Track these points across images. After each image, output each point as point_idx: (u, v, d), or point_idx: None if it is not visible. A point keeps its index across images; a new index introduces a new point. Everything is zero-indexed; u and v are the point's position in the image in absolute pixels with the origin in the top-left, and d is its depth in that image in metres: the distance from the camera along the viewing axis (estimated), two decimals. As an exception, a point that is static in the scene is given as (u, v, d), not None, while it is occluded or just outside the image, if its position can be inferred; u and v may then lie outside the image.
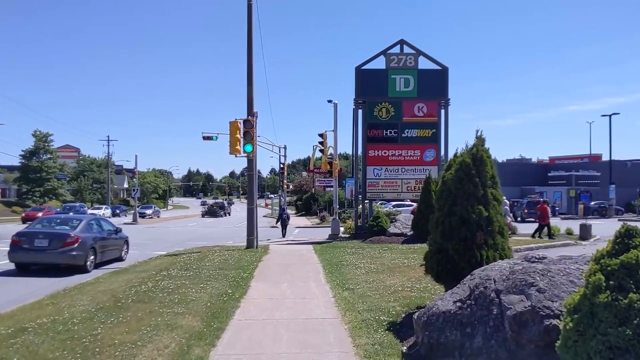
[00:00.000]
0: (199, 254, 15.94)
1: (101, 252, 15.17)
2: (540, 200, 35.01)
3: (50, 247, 13.76)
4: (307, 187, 72.93)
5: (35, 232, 14.51)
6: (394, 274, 11.02)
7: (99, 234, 15.46)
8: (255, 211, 18.61)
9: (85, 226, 15.08)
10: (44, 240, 13.91)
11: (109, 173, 77.14)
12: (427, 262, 7.32)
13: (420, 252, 15.47)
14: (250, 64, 18.05)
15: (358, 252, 16.11)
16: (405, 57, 23.85)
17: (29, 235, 14.29)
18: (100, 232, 15.66)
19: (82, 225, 14.96)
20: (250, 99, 18.20)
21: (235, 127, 17.54)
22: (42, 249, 13.80)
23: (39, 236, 14.06)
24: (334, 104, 25.22)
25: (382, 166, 23.61)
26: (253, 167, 18.56)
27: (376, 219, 21.34)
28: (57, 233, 14.25)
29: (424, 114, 23.75)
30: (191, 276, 11.17)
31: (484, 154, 7.06)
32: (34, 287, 11.35)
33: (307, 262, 14.23)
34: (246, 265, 13.04)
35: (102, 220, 17.92)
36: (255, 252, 16.49)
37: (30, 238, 14.06)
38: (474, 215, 6.70)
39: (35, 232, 14.43)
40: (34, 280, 12.48)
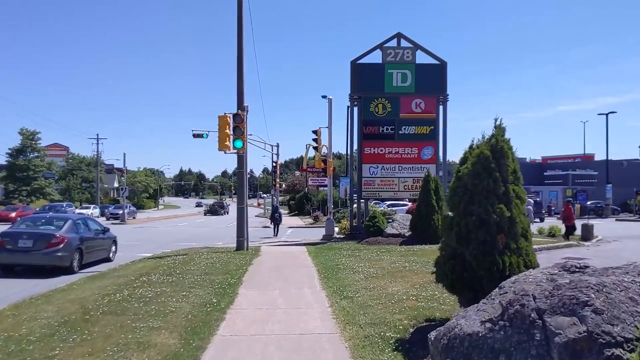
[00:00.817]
0: (185, 257, 14.95)
1: (88, 252, 14.73)
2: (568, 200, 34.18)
3: (34, 248, 13.36)
4: (300, 186, 71.97)
5: (19, 232, 14.05)
6: (396, 280, 10.09)
7: (86, 234, 15.04)
8: (245, 211, 17.63)
9: (72, 226, 14.63)
10: (28, 241, 13.47)
11: (98, 172, 75.83)
12: (439, 269, 6.40)
13: (420, 255, 14.60)
14: (240, 55, 17.06)
15: (354, 254, 15.18)
16: (403, 51, 22.95)
17: (13, 235, 13.82)
18: (87, 232, 15.23)
19: (68, 225, 14.52)
20: (240, 92, 17.21)
21: (225, 121, 16.55)
22: (27, 250, 13.38)
23: (23, 236, 13.61)
24: (329, 99, 24.29)
25: (379, 164, 22.71)
26: (243, 164, 17.57)
27: (372, 219, 20.43)
28: (42, 233, 13.84)
29: (421, 110, 22.88)
30: (173, 282, 10.19)
31: (505, 145, 6.15)
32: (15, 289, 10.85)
33: (300, 265, 13.29)
34: (235, 270, 12.08)
35: (89, 220, 17.32)
36: (245, 255, 15.52)
37: (14, 238, 13.60)
38: (494, 215, 5.79)
39: (19, 232, 13.96)
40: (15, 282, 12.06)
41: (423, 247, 16.60)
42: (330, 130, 23.94)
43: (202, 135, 23.22)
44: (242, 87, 17.20)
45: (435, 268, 6.58)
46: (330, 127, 23.84)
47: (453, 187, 6.19)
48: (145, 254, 17.98)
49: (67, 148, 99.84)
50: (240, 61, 17.07)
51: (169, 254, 16.44)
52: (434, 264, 6.62)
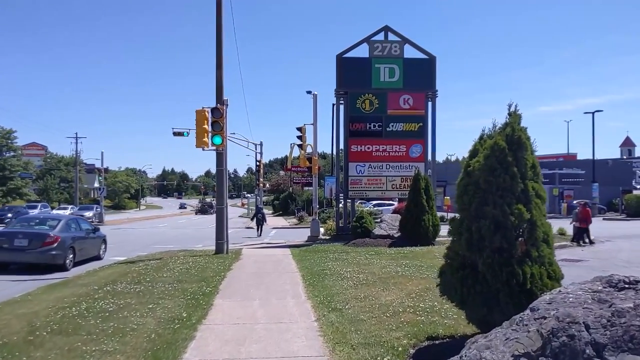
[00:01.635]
0: (159, 262, 13.85)
1: (80, 251, 15.14)
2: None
3: (29, 247, 13.76)
4: (284, 186, 70.84)
5: (14, 231, 14.56)
6: (389, 287, 9.15)
7: (78, 234, 15.50)
8: (225, 212, 16.55)
9: (64, 226, 15.09)
10: (24, 240, 13.90)
11: (77, 171, 73.80)
12: (445, 280, 5.45)
13: (412, 258, 13.70)
14: (219, 44, 15.97)
15: (342, 257, 14.22)
16: (390, 45, 22.08)
17: (9, 235, 14.33)
18: (78, 231, 15.71)
19: (61, 225, 14.97)
20: (219, 84, 16.14)
21: (203, 116, 15.48)
22: (22, 249, 13.77)
23: (18, 236, 14.04)
24: (313, 95, 23.27)
25: (366, 162, 21.80)
26: (223, 162, 16.50)
27: (360, 219, 19.50)
28: (37, 233, 14.24)
29: (410, 106, 22.03)
30: (141, 292, 9.12)
31: (522, 134, 5.23)
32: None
33: (284, 271, 12.29)
34: (212, 276, 11.03)
35: (80, 220, 17.78)
36: (224, 259, 14.47)
37: (10, 238, 14.03)
38: (511, 217, 4.87)
39: (14, 232, 14.45)
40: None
41: (414, 249, 15.72)
42: (315, 127, 22.95)
43: (183, 134, 22.22)
44: (222, 79, 16.12)
45: (439, 279, 5.64)
46: (316, 123, 22.85)
47: (462, 184, 5.26)
48: (118, 258, 16.83)
49: (45, 147, 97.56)
50: (219, 47, 15.97)
51: (143, 258, 15.34)
52: (438, 274, 5.68)
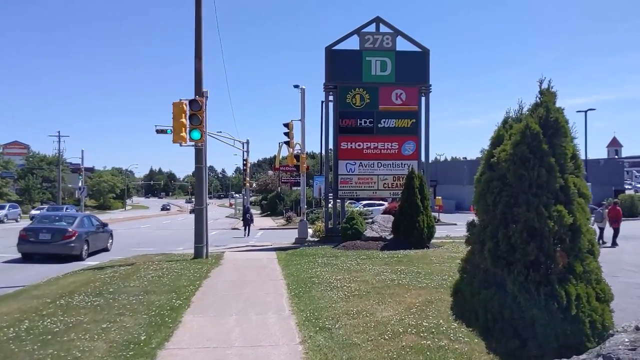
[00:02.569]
0: (131, 267, 12.62)
1: (92, 243, 17.76)
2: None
3: (52, 240, 16.39)
4: (272, 186, 69.60)
5: (39, 227, 17.08)
6: (385, 300, 8.02)
7: (90, 229, 18.10)
8: (204, 213, 15.34)
9: (80, 222, 17.75)
10: (47, 234, 16.48)
11: (59, 171, 72.09)
12: (461, 301, 4.35)
13: (407, 263, 12.59)
14: (199, 31, 14.74)
15: (331, 262, 13.08)
16: (382, 37, 20.96)
17: (34, 230, 16.91)
18: (91, 227, 18.28)
19: (78, 221, 17.67)
20: (198, 74, 14.91)
21: (180, 109, 14.25)
22: (46, 242, 16.41)
23: (42, 231, 16.64)
24: (301, 89, 22.17)
25: (356, 160, 20.67)
26: (202, 159, 15.27)
27: (350, 220, 18.36)
28: (58, 228, 16.86)
29: (402, 101, 20.93)
30: (99, 307, 7.91)
31: (559, 116, 4.13)
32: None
33: (267, 278, 11.12)
34: (185, 286, 9.83)
35: (92, 217, 20.28)
36: (203, 264, 13.25)
37: (36, 232, 16.67)
38: (549, 221, 3.77)
39: (39, 228, 17.02)
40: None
41: (408, 253, 14.62)
42: (303, 123, 21.83)
43: (166, 131, 21.04)
44: (201, 69, 14.89)
45: (453, 298, 4.52)
46: (303, 119, 21.72)
47: (484, 180, 4.15)
48: (89, 263, 15.60)
49: (27, 146, 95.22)
50: (199, 35, 14.74)
51: (114, 263, 14.08)
52: (452, 291, 4.59)
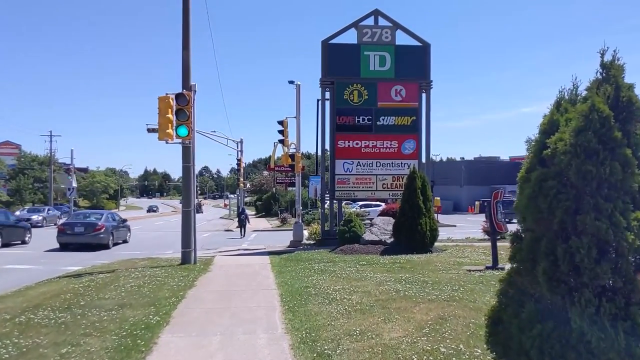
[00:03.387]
0: (110, 275, 11.60)
1: (115, 235, 22.04)
2: None
3: (85, 232, 20.44)
4: (267, 186, 68.55)
5: (74, 222, 21.54)
6: (392, 316, 7.04)
7: (114, 223, 22.39)
8: (192, 215, 14.30)
9: (106, 217, 22.34)
10: (81, 227, 20.62)
11: (51, 171, 70.95)
12: (504, 336, 3.34)
13: (411, 269, 11.62)
14: (186, 20, 13.70)
15: (328, 268, 12.09)
16: (381, 31, 20.03)
17: (71, 224, 21.31)
18: (114, 222, 22.58)
19: (104, 217, 22.30)
20: (186, 66, 13.89)
21: (166, 104, 13.24)
22: (80, 234, 20.49)
23: (77, 225, 20.86)
24: (296, 85, 21.15)
25: (354, 159, 19.73)
26: (190, 157, 14.25)
27: (348, 222, 17.39)
28: (90, 222, 21.08)
29: (402, 98, 20.01)
30: (64, 324, 6.90)
31: (632, 96, 3.16)
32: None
33: (259, 288, 10.12)
34: (167, 297, 8.82)
35: (115, 214, 25.16)
36: (189, 271, 12.23)
37: (72, 226, 20.96)
38: (628, 233, 2.81)
39: (74, 222, 21.44)
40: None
41: (411, 258, 13.66)
42: (298, 121, 20.82)
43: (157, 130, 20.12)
44: (189, 60, 13.87)
45: (488, 330, 3.54)
46: (299, 116, 20.71)
47: (535, 178, 3.16)
48: (71, 268, 14.57)
49: (19, 146, 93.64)
50: (186, 24, 13.70)
51: (94, 270, 13.06)
52: (488, 321, 3.58)
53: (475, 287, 9.26)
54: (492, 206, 12.30)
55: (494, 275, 10.85)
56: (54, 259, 17.31)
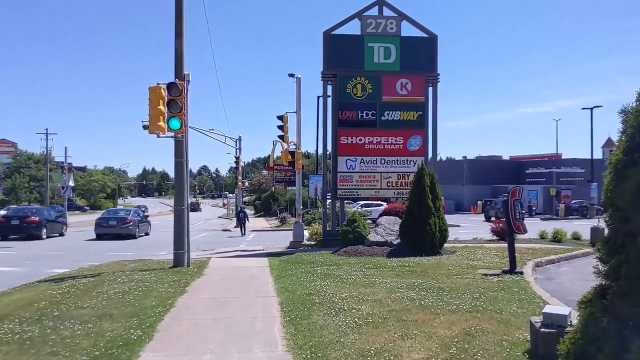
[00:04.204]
0: (95, 280, 10.64)
1: (140, 228, 26.96)
2: None
3: (117, 225, 25.66)
4: (266, 185, 67.63)
5: (108, 217, 26.78)
6: (409, 331, 6.10)
7: (139, 218, 27.51)
8: (186, 214, 13.32)
9: (133, 213, 27.89)
10: (114, 221, 25.93)
11: (47, 169, 69.90)
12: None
13: (422, 274, 10.67)
14: (179, 5, 12.75)
15: (332, 272, 11.14)
16: (385, 21, 19.06)
17: (106, 218, 26.47)
18: (139, 217, 27.78)
19: (132, 213, 27.89)
20: (179, 55, 12.92)
21: (157, 95, 12.28)
22: (113, 226, 25.65)
23: (111, 219, 26.17)
24: (297, 78, 20.21)
25: (357, 156, 18.76)
26: (183, 152, 13.27)
27: (352, 222, 16.44)
28: (121, 217, 26.63)
29: (408, 92, 19.04)
30: (30, 340, 5.95)
31: None
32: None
33: (256, 294, 9.17)
34: (153, 306, 7.87)
35: (139, 210, 31.35)
36: (181, 275, 11.28)
37: (107, 220, 26.16)
38: None
39: (109, 217, 26.71)
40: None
41: (420, 261, 12.70)
42: (299, 116, 19.87)
43: None
44: (182, 48, 12.91)
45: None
46: (299, 111, 19.77)
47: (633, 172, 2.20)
48: (56, 270, 13.63)
49: (15, 144, 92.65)
50: (179, 10, 12.75)
51: (80, 273, 12.11)
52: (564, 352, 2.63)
53: (497, 294, 8.32)
54: (510, 205, 11.35)
55: (513, 280, 9.93)
56: (38, 261, 16.38)
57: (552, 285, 10.32)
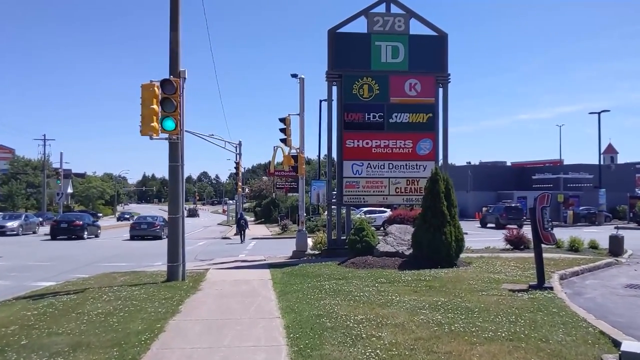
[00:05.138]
0: (77, 297, 9.55)
1: (165, 231, 26.38)
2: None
3: (147, 228, 31.89)
4: (267, 191, 66.47)
5: (140, 221, 33.34)
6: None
7: (163, 223, 30.66)
8: (181, 223, 12.23)
9: (159, 219, 33.07)
10: (145, 225, 32.28)
11: (44, 175, 68.94)
12: None
13: (442, 290, 9.57)
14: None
15: (342, 288, 10.06)
16: (393, 19, 18.07)
17: (138, 222, 33.17)
18: (164, 222, 30.78)
19: (159, 219, 33.26)
20: (174, 50, 11.88)
21: (150, 93, 11.25)
22: (144, 229, 31.87)
23: (142, 224, 32.53)
24: (300, 79, 19.21)
25: (364, 161, 17.71)
26: (178, 155, 12.20)
27: (360, 231, 15.35)
28: (150, 222, 32.67)
29: (417, 93, 18.02)
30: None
31: None
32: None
33: (258, 316, 8.08)
34: (138, 332, 6.78)
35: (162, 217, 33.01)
36: (175, 291, 10.18)
37: (139, 224, 32.69)
38: None
39: (140, 222, 33.19)
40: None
41: (437, 274, 11.62)
42: (302, 118, 18.86)
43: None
44: (178, 42, 11.87)
45: None
46: (302, 113, 18.75)
47: None
48: (42, 284, 12.58)
49: (12, 150, 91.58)
50: (175, 3, 11.74)
51: (63, 288, 11.03)
52: None
53: (534, 317, 7.25)
54: (538, 213, 10.29)
55: (546, 298, 8.86)
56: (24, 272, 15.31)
57: (584, 302, 9.28)
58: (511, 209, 40.29)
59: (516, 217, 38.53)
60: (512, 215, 38.96)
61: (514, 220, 37.51)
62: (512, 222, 35.85)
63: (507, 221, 36.96)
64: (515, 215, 38.89)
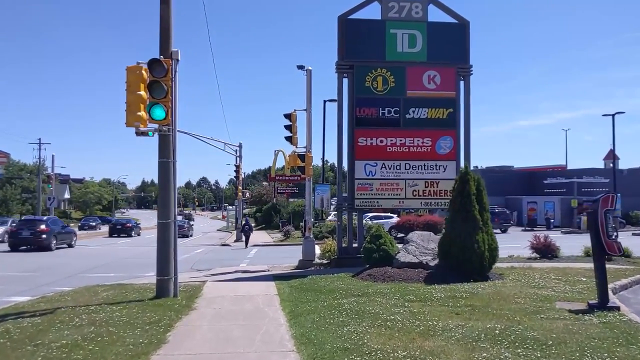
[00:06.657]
0: (45, 318, 7.80)
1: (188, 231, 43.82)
2: None
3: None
4: (267, 197, 64.81)
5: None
6: None
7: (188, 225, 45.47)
8: (172, 229, 10.42)
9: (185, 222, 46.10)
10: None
11: (39, 180, 67.21)
12: None
13: (486, 310, 7.74)
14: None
15: (366, 308, 8.30)
16: (410, 5, 16.40)
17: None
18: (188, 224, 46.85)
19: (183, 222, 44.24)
20: (165, 26, 10.16)
21: (137, 76, 9.53)
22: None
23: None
24: (307, 70, 17.53)
25: (378, 160, 16.01)
26: (169, 150, 10.45)
27: (376, 239, 13.57)
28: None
29: (436, 85, 16.33)
30: None
31: None
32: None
33: (267, 349, 6.32)
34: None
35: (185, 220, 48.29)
36: (165, 311, 8.42)
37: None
38: None
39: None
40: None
41: (472, 289, 9.87)
42: (309, 114, 17.16)
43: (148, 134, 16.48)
44: (169, 18, 10.14)
45: None
46: (310, 108, 17.05)
47: None
48: (14, 299, 10.94)
49: (7, 155, 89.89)
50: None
51: (33, 306, 9.28)
52: None
53: (627, 352, 5.52)
54: (600, 218, 8.57)
55: (622, 322, 7.13)
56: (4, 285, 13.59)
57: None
58: (499, 214, 39.87)
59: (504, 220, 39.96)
60: (501, 219, 39.09)
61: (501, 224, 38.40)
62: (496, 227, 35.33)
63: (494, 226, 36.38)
64: (503, 219, 40.04)
